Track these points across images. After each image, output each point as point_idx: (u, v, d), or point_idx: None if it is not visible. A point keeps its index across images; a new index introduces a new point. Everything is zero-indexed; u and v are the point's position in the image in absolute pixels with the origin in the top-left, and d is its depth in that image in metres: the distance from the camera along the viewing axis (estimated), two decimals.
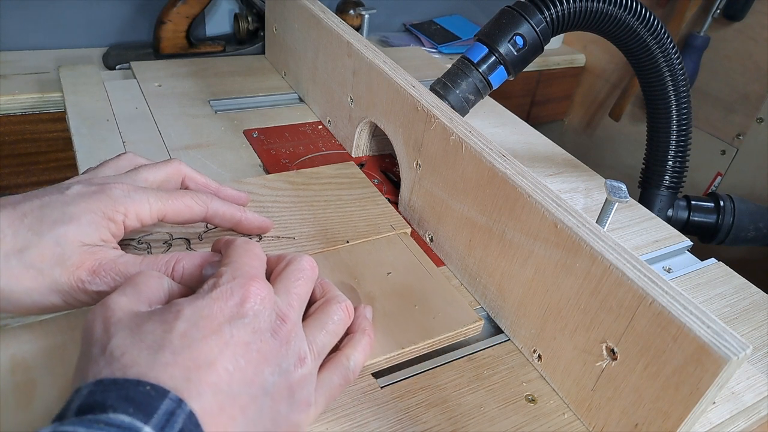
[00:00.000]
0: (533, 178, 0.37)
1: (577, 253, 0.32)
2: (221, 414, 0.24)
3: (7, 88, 0.69)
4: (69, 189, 0.33)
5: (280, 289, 0.30)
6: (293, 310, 0.29)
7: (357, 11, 0.89)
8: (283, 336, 0.28)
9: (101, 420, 0.21)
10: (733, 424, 0.36)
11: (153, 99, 0.62)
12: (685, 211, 0.65)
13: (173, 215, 0.36)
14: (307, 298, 0.32)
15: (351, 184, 0.51)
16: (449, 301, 0.40)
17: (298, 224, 0.45)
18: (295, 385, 0.28)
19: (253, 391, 0.26)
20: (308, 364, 0.29)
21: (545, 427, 0.34)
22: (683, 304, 0.28)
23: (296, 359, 0.28)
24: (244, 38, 0.82)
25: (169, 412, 0.22)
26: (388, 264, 0.43)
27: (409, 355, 0.37)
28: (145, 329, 0.25)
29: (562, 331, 0.35)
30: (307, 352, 0.29)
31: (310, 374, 0.29)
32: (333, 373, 0.31)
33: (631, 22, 0.56)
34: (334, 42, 0.55)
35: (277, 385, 0.27)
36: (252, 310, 0.27)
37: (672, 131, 0.62)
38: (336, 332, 0.32)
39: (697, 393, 0.27)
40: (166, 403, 0.22)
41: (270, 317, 0.28)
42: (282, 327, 0.28)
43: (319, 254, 0.43)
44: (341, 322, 0.32)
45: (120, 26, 0.82)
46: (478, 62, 0.55)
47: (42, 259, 0.31)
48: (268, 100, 0.66)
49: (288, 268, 0.32)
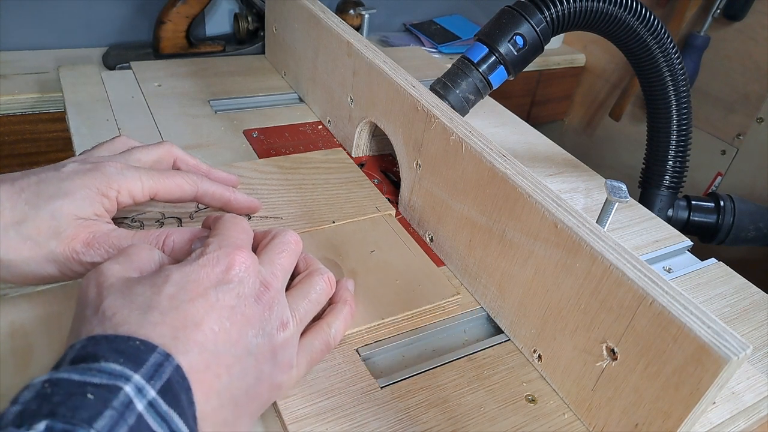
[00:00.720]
0: (533, 178, 0.37)
1: (578, 253, 0.32)
2: (207, 370, 0.26)
3: (7, 88, 0.69)
4: (65, 167, 0.35)
5: (264, 260, 0.32)
6: (276, 279, 0.31)
7: (357, 11, 0.89)
8: (266, 302, 0.29)
9: (93, 368, 0.22)
10: (733, 424, 0.36)
11: (153, 99, 0.62)
12: (685, 211, 0.65)
13: (164, 193, 0.38)
14: (290, 269, 0.33)
15: (338, 169, 0.53)
16: (430, 277, 0.42)
17: (285, 205, 0.47)
18: (278, 347, 0.30)
19: (238, 351, 0.27)
20: (290, 329, 0.30)
21: (545, 427, 0.34)
22: (683, 304, 0.28)
23: (279, 323, 0.30)
24: (244, 38, 0.82)
25: (158, 364, 0.24)
26: (372, 242, 0.44)
27: (389, 326, 0.38)
28: (135, 292, 0.27)
29: (562, 331, 0.35)
30: (290, 318, 0.31)
31: (291, 338, 0.31)
32: (315, 338, 0.33)
33: (631, 22, 0.56)
34: (334, 42, 0.55)
35: (260, 346, 0.28)
36: (237, 276, 0.29)
37: (672, 131, 0.62)
38: (318, 301, 0.34)
39: (697, 393, 0.27)
40: (154, 357, 0.24)
41: (254, 284, 0.29)
42: (265, 293, 0.30)
43: (306, 233, 0.44)
44: (323, 292, 0.34)
45: (120, 26, 0.82)
46: (478, 62, 0.55)
47: (39, 232, 0.32)
48: (268, 100, 0.66)
49: (273, 241, 0.33)
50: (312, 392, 0.33)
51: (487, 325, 0.41)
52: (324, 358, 0.35)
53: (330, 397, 0.33)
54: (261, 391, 0.29)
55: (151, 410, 0.23)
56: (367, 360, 0.37)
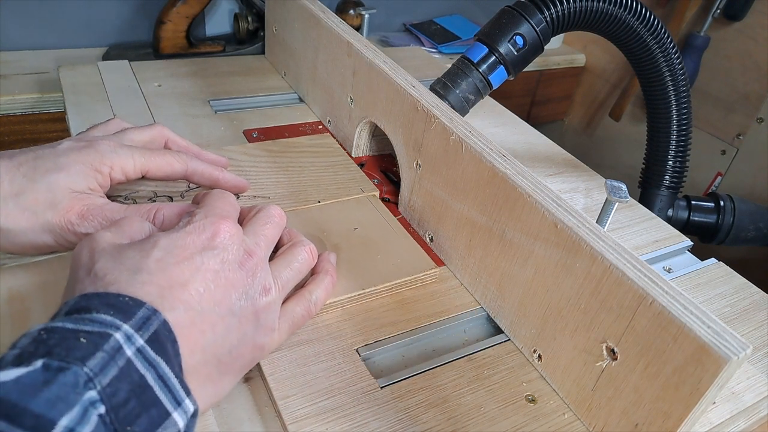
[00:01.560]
0: (533, 178, 0.37)
1: (578, 253, 0.32)
2: (192, 327, 0.28)
3: (7, 88, 0.69)
4: (60, 144, 0.38)
5: (249, 231, 0.33)
6: (260, 248, 0.33)
7: (357, 11, 0.89)
8: (249, 268, 0.31)
9: (86, 318, 0.24)
10: (733, 424, 0.36)
11: (153, 99, 0.62)
12: (685, 211, 0.65)
13: (155, 171, 0.40)
14: (274, 240, 0.35)
15: (325, 153, 0.55)
16: (410, 252, 0.44)
17: (273, 186, 0.49)
18: (260, 310, 0.31)
19: (221, 311, 0.29)
20: (272, 294, 0.32)
21: (545, 427, 0.34)
22: (683, 304, 0.28)
23: (261, 289, 0.31)
24: (244, 38, 0.82)
25: (145, 317, 0.25)
26: (355, 221, 0.46)
27: (369, 296, 0.40)
28: (125, 255, 0.29)
29: (562, 331, 0.35)
30: (272, 284, 0.32)
31: (273, 303, 0.32)
32: (297, 304, 0.35)
33: (631, 22, 0.56)
34: (334, 42, 0.55)
35: (243, 309, 0.30)
36: (221, 243, 0.30)
37: (672, 131, 0.62)
38: (300, 270, 0.35)
39: (697, 393, 0.27)
40: (142, 311, 0.26)
41: (238, 252, 0.31)
42: (249, 260, 0.31)
43: (292, 211, 0.46)
44: (305, 262, 0.36)
45: (120, 26, 0.82)
46: (478, 62, 0.55)
47: (36, 203, 0.35)
48: (268, 100, 0.66)
49: (258, 214, 0.35)
50: (312, 392, 0.33)
51: (487, 325, 0.41)
52: (305, 323, 0.36)
53: (330, 397, 0.33)
54: (244, 351, 0.31)
55: (140, 356, 0.24)
56: (367, 360, 0.37)
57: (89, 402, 0.22)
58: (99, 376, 0.23)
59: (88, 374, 0.22)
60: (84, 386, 0.22)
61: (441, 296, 0.42)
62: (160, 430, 0.24)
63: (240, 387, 0.34)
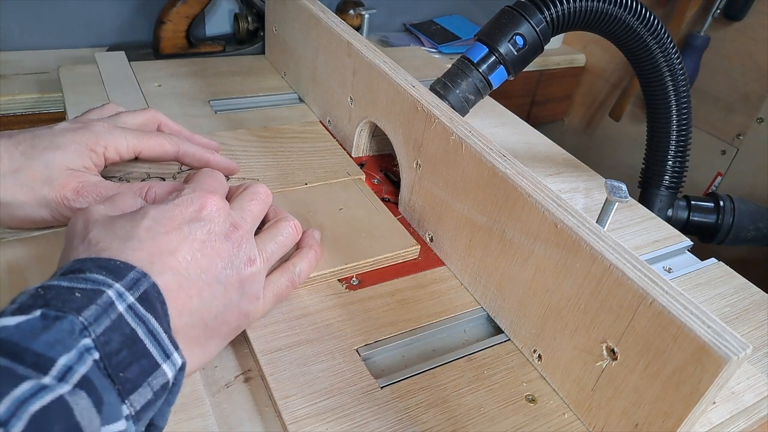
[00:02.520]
0: (533, 177, 0.37)
1: (577, 253, 0.32)
2: (180, 291, 0.29)
3: (7, 88, 0.69)
4: (57, 126, 0.40)
5: (235, 206, 0.35)
6: (245, 222, 0.34)
7: (357, 11, 0.89)
8: (234, 240, 0.33)
9: (80, 277, 0.26)
10: (733, 424, 0.36)
11: (153, 99, 0.62)
12: (685, 211, 0.65)
13: (148, 152, 0.42)
14: (260, 216, 0.37)
15: (314, 139, 0.58)
16: (392, 231, 0.46)
17: (263, 169, 0.51)
18: (245, 279, 0.33)
19: (208, 278, 0.31)
20: (257, 265, 0.34)
21: (545, 427, 0.34)
22: (683, 304, 0.28)
23: (246, 259, 0.33)
24: (244, 38, 0.82)
25: (136, 279, 0.27)
26: (341, 202, 0.48)
27: (352, 270, 0.42)
28: (117, 225, 0.30)
29: (562, 331, 0.35)
30: (257, 255, 0.34)
31: (258, 273, 0.34)
32: (281, 275, 0.37)
33: (631, 22, 0.56)
34: (334, 42, 0.55)
35: (228, 277, 0.32)
36: (208, 216, 0.32)
37: (672, 131, 0.62)
38: (284, 244, 0.37)
39: (697, 393, 0.27)
40: (133, 273, 0.27)
41: (224, 224, 0.33)
42: (234, 233, 0.33)
43: (279, 192, 0.48)
44: (290, 236, 0.38)
45: (120, 26, 0.82)
46: (478, 62, 0.55)
47: (33, 179, 0.36)
48: (268, 100, 0.66)
49: (245, 191, 0.37)
50: (312, 392, 0.33)
51: (487, 325, 0.41)
52: (289, 293, 0.38)
53: (330, 397, 0.33)
54: (229, 317, 0.32)
55: (130, 312, 0.26)
56: (367, 360, 0.37)
57: (84, 348, 0.24)
58: (93, 325, 0.24)
59: (83, 323, 0.24)
60: (80, 334, 0.24)
61: (441, 296, 0.42)
62: (150, 378, 0.26)
63: (240, 387, 0.34)
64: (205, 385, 0.34)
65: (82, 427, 0.22)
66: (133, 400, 0.25)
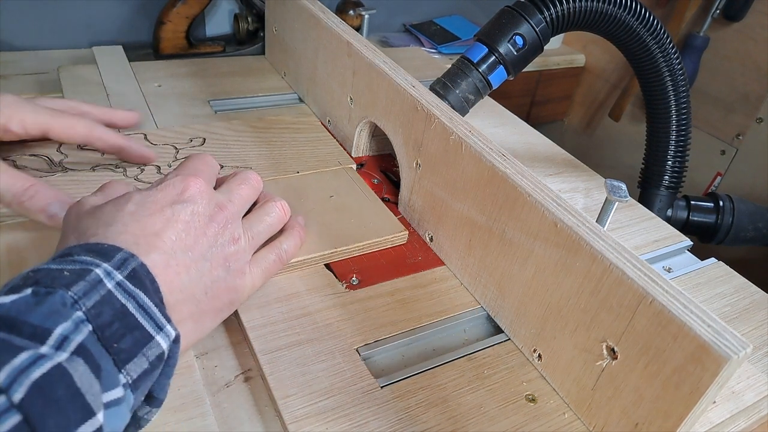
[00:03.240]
0: (533, 177, 0.37)
1: (577, 253, 0.32)
2: (167, 269, 0.30)
3: (7, 88, 0.68)
4: None
5: (224, 189, 0.37)
6: (232, 204, 0.35)
7: (357, 11, 0.89)
8: (219, 220, 0.34)
9: (68, 259, 0.27)
10: (733, 424, 0.36)
11: (153, 99, 0.62)
12: (684, 211, 0.65)
13: (58, 131, 0.44)
14: (248, 200, 0.38)
15: (306, 129, 0.59)
16: (381, 217, 0.47)
17: (255, 158, 0.53)
18: (230, 256, 0.34)
19: (194, 255, 0.32)
20: (241, 244, 0.35)
21: (545, 426, 0.34)
22: (683, 303, 0.28)
23: (230, 238, 0.34)
24: (244, 38, 0.82)
25: (123, 259, 0.28)
26: (332, 190, 0.50)
27: (341, 255, 0.43)
28: (103, 211, 0.31)
29: (562, 331, 0.35)
30: (241, 234, 0.35)
31: (243, 251, 0.35)
32: (269, 252, 0.38)
33: (630, 23, 0.56)
34: (334, 42, 0.55)
35: (214, 255, 0.33)
36: (191, 197, 0.33)
37: (672, 131, 0.62)
38: (272, 224, 0.39)
39: (697, 392, 0.27)
40: (120, 254, 0.28)
41: (208, 205, 0.34)
42: (219, 213, 0.34)
43: (271, 180, 0.50)
44: (277, 217, 0.39)
45: (120, 26, 0.82)
46: (477, 62, 0.55)
47: None
48: (268, 101, 0.66)
49: (235, 176, 0.38)
50: (312, 392, 0.33)
51: (487, 325, 0.41)
52: (278, 270, 0.39)
53: (330, 397, 0.33)
54: (219, 292, 0.34)
55: (119, 288, 0.27)
56: (367, 360, 0.37)
57: (78, 319, 0.24)
58: (83, 299, 0.25)
59: (73, 297, 0.25)
60: (71, 306, 0.25)
61: (441, 296, 0.42)
62: (145, 349, 0.26)
63: (240, 386, 0.34)
64: (205, 384, 0.34)
65: (83, 392, 0.23)
66: (129, 369, 0.26)
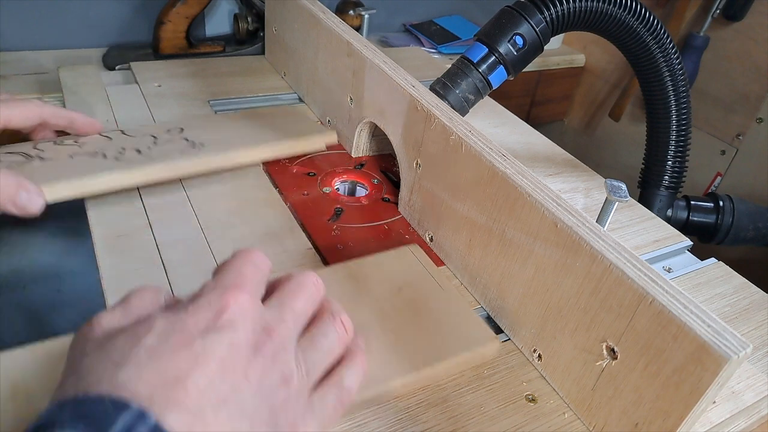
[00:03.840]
0: (533, 177, 0.37)
1: (577, 253, 0.32)
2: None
3: (7, 88, 0.68)
4: None
5: (273, 302, 0.27)
6: (284, 325, 0.26)
7: (357, 11, 0.89)
8: (266, 352, 0.25)
9: None
10: (733, 424, 0.36)
11: (153, 99, 0.62)
12: (684, 211, 0.65)
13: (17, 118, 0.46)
14: (305, 315, 0.29)
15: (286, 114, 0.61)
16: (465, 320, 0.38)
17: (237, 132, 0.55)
18: (279, 407, 0.25)
19: (229, 412, 0.23)
20: (294, 385, 0.26)
21: (545, 426, 0.34)
22: (683, 303, 0.28)
23: (281, 378, 0.25)
24: (244, 38, 0.82)
25: (127, 427, 0.20)
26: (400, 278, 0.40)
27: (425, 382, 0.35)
28: (114, 345, 0.23)
29: (562, 331, 0.35)
30: (294, 371, 0.26)
31: (296, 396, 0.26)
32: (326, 393, 0.28)
33: (630, 22, 0.56)
34: (334, 42, 0.55)
35: (257, 407, 0.24)
36: (229, 322, 0.24)
37: (672, 131, 0.62)
38: (331, 350, 0.29)
39: (697, 392, 0.27)
40: (126, 417, 0.20)
41: (253, 331, 0.25)
42: (267, 342, 0.25)
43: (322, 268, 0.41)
44: (338, 339, 0.29)
45: (120, 26, 0.82)
46: (477, 62, 0.55)
47: None
48: (268, 101, 0.66)
49: (289, 282, 0.29)
50: None
51: None
52: (338, 418, 0.29)
53: None
54: None
55: None
56: None
57: None
58: None
59: None
60: None
61: None
62: None
63: None
64: None
65: None
66: None
